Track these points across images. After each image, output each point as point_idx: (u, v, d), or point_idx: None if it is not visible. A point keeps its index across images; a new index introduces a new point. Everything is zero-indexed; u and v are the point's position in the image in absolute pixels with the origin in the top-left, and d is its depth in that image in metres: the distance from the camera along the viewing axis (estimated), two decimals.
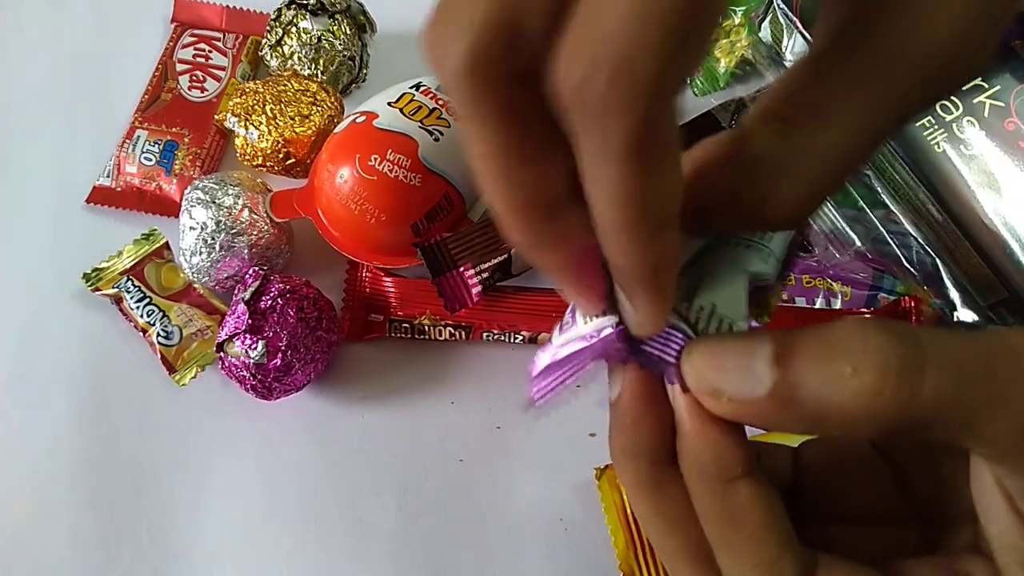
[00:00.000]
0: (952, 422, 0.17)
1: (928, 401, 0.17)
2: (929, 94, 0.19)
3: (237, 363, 0.44)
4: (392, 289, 0.50)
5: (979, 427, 0.17)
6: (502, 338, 0.49)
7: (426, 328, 0.49)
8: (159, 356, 0.49)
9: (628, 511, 0.43)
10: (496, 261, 0.46)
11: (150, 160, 0.55)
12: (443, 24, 0.16)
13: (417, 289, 0.50)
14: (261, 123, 0.51)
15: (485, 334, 0.48)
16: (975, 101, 0.46)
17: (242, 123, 0.51)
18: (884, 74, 0.18)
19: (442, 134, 0.47)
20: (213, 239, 0.48)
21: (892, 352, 0.17)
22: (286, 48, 0.56)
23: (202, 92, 0.58)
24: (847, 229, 0.49)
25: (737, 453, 0.20)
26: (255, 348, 0.44)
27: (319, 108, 0.52)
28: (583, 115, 0.15)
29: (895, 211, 0.48)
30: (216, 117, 0.56)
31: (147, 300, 0.50)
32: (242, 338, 0.44)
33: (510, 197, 0.18)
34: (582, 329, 0.21)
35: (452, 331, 0.49)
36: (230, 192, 0.49)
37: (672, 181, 0.17)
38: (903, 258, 0.48)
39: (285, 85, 0.52)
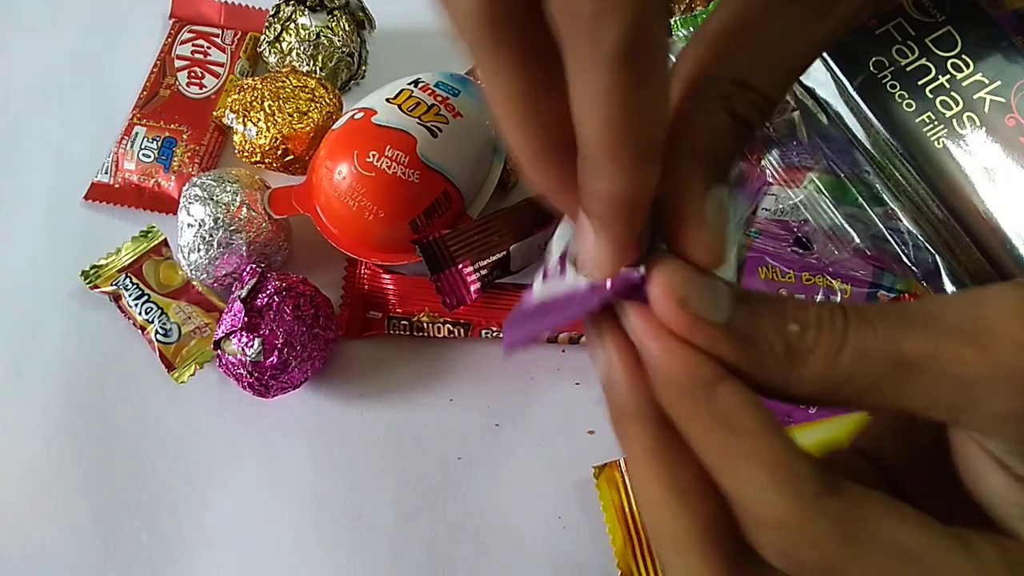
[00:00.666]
0: (884, 390, 0.18)
1: (848, 361, 0.18)
2: None
3: (234, 361, 0.44)
4: (391, 286, 0.50)
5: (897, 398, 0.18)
6: (501, 335, 0.48)
7: (425, 325, 0.49)
8: (157, 353, 0.49)
9: (626, 510, 0.43)
10: (495, 258, 0.46)
11: (148, 157, 0.55)
12: None
13: (416, 286, 0.50)
14: (259, 119, 0.51)
15: (484, 331, 0.48)
16: (975, 97, 0.45)
17: (240, 120, 0.51)
18: None
19: (440, 130, 0.47)
20: (211, 236, 0.48)
21: (824, 320, 0.19)
22: (284, 44, 0.56)
23: (200, 88, 0.57)
24: (846, 226, 0.49)
25: (708, 362, 0.19)
26: (251, 346, 0.44)
27: (317, 105, 0.52)
28: (574, 22, 0.15)
29: (895, 208, 0.48)
30: (214, 113, 0.56)
31: (145, 297, 0.50)
32: (238, 336, 0.44)
33: (534, 138, 0.18)
34: (572, 280, 0.21)
35: (451, 328, 0.49)
36: (228, 189, 0.48)
37: (661, 100, 0.17)
38: (903, 255, 0.48)
39: (283, 81, 0.52)
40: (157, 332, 0.50)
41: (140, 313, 0.50)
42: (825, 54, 0.48)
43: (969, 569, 0.18)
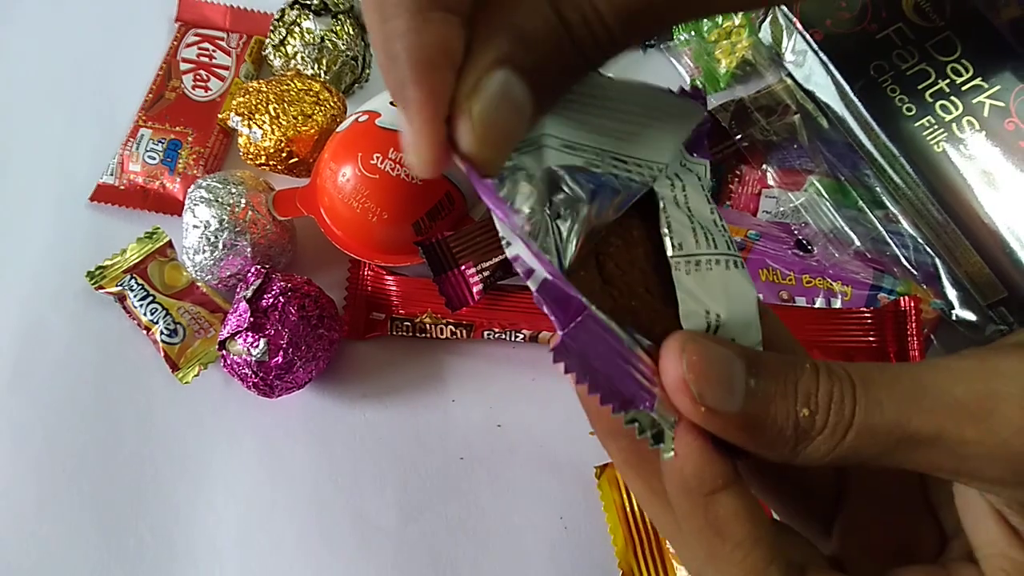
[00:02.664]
0: (891, 455, 0.19)
1: (853, 439, 0.19)
2: None
3: (239, 361, 0.45)
4: (394, 287, 0.50)
5: (911, 459, 0.19)
6: (503, 336, 0.49)
7: (427, 326, 0.49)
8: (162, 354, 0.50)
9: (628, 510, 0.44)
10: (497, 260, 0.46)
11: (154, 159, 0.56)
12: None
13: (418, 288, 0.50)
14: (264, 122, 0.51)
15: (486, 332, 0.49)
16: (975, 101, 0.46)
17: (245, 122, 0.51)
18: None
19: None
20: (216, 237, 0.48)
21: (833, 401, 0.19)
22: (289, 48, 0.56)
23: (206, 91, 0.58)
24: (847, 229, 0.49)
25: (717, 465, 0.20)
26: (256, 346, 0.44)
27: (322, 107, 0.52)
28: None
29: (895, 211, 0.48)
30: (219, 116, 0.56)
31: (150, 298, 0.51)
32: (244, 336, 0.44)
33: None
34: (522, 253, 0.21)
35: (453, 330, 0.49)
36: (233, 191, 0.49)
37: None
38: (903, 258, 0.48)
39: (288, 85, 0.53)
40: (162, 332, 0.50)
41: (145, 313, 0.50)
42: (826, 59, 0.48)
43: None
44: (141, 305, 0.51)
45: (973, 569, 0.21)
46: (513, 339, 0.49)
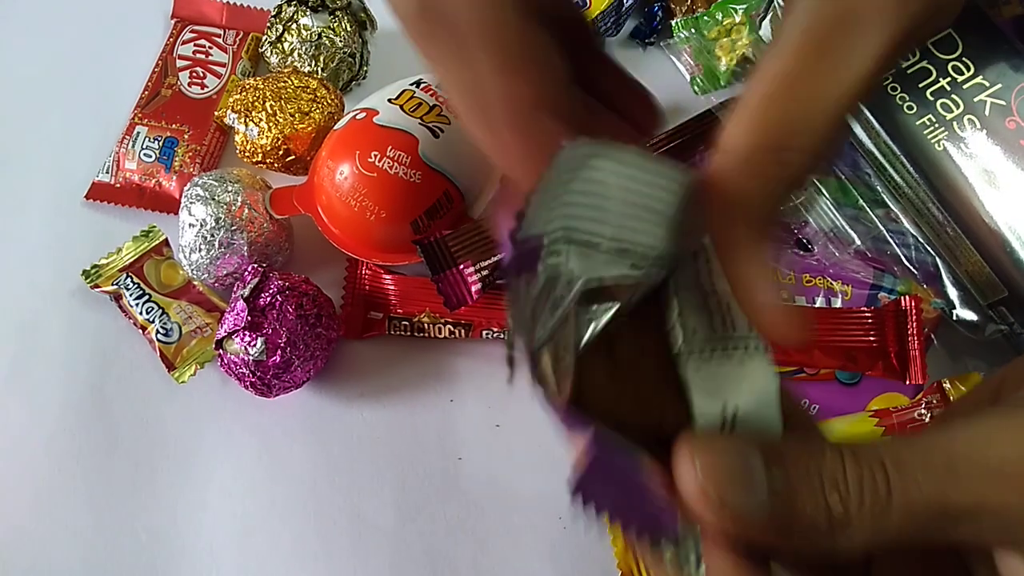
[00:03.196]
0: (935, 531, 0.19)
1: (896, 521, 0.18)
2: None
3: (236, 360, 0.44)
4: (392, 287, 0.50)
5: (962, 533, 0.19)
6: (502, 336, 0.48)
7: (425, 326, 0.49)
8: (158, 353, 0.49)
9: None
10: (496, 259, 0.46)
11: (150, 156, 0.55)
12: None
13: (417, 287, 0.50)
14: (261, 120, 0.51)
15: (485, 332, 0.48)
16: (976, 100, 0.45)
17: (242, 120, 0.51)
18: None
19: (442, 131, 0.47)
20: (212, 236, 0.48)
21: (865, 484, 0.18)
22: (286, 45, 0.56)
23: (202, 89, 0.58)
24: (847, 228, 0.49)
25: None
26: (254, 345, 0.44)
27: (319, 105, 0.52)
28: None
29: (895, 210, 0.48)
30: (216, 114, 0.56)
31: (146, 297, 0.50)
32: (241, 335, 0.44)
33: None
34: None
35: (452, 329, 0.49)
36: (230, 189, 0.48)
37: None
38: (903, 257, 0.48)
39: (285, 82, 0.52)
40: (158, 332, 0.50)
41: (141, 313, 0.50)
42: None
43: None
44: (137, 304, 0.50)
45: None
46: None
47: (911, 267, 0.48)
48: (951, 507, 0.18)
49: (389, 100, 0.48)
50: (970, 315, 0.47)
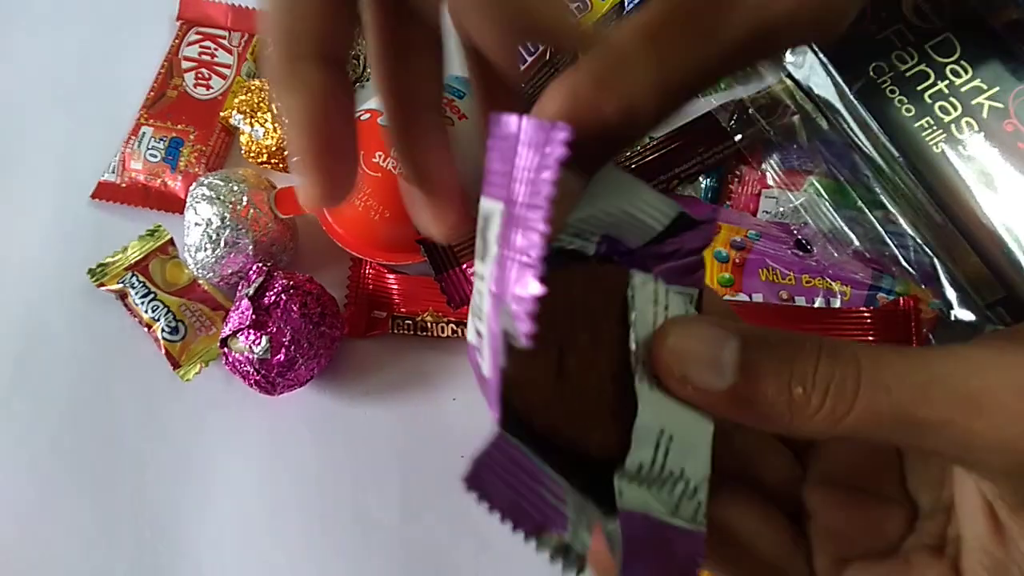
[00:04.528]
0: (894, 436, 0.19)
1: (855, 420, 0.19)
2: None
3: (241, 358, 0.45)
4: (395, 286, 0.51)
5: (925, 439, 0.19)
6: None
7: (429, 325, 0.49)
8: (163, 351, 0.50)
9: None
10: None
11: (155, 157, 0.56)
12: None
13: (420, 286, 0.50)
14: (266, 120, 0.51)
15: None
16: (974, 102, 0.46)
17: (247, 120, 0.51)
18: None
19: None
20: (218, 235, 0.48)
21: (833, 383, 0.19)
22: None
23: (207, 90, 0.58)
24: (846, 229, 0.49)
25: None
26: (259, 343, 0.44)
27: None
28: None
29: (894, 211, 0.48)
30: (221, 114, 0.57)
31: (152, 295, 0.51)
32: (246, 333, 0.44)
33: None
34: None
35: (455, 328, 0.49)
36: (235, 188, 0.49)
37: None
38: (901, 258, 0.48)
39: None
40: (163, 330, 0.50)
41: (146, 311, 0.50)
42: (825, 60, 0.48)
43: None
44: (142, 303, 0.51)
45: (935, 565, 0.22)
46: None
47: (909, 268, 0.48)
48: (918, 420, 0.19)
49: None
50: (968, 315, 0.47)
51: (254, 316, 0.44)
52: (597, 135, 0.19)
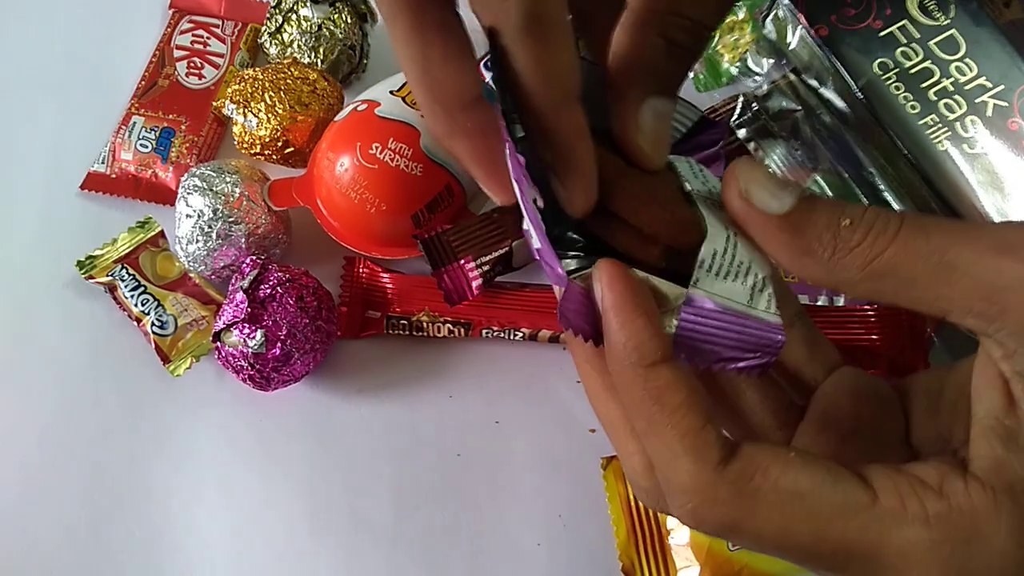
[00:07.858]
0: (923, 282, 0.21)
1: (891, 256, 0.21)
2: None
3: (234, 353, 0.44)
4: (390, 285, 0.50)
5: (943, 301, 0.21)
6: (502, 335, 0.48)
7: (424, 325, 0.48)
8: (153, 346, 0.49)
9: (632, 502, 0.43)
10: (497, 254, 0.45)
11: (146, 147, 0.55)
12: None
13: (415, 285, 0.49)
14: (260, 111, 0.50)
15: (484, 331, 0.48)
16: (978, 100, 0.46)
17: (241, 111, 0.50)
18: None
19: None
20: (210, 227, 0.47)
21: (879, 215, 0.21)
22: (286, 36, 0.55)
23: (200, 79, 0.57)
24: None
25: (656, 341, 0.22)
26: (253, 337, 0.43)
27: (319, 97, 0.51)
28: (486, 8, 0.21)
29: (897, 208, 0.48)
30: (214, 104, 0.55)
31: (142, 289, 0.50)
32: (240, 327, 0.43)
33: (428, 91, 0.24)
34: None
35: (451, 328, 0.48)
36: (228, 180, 0.48)
37: (568, 56, 0.21)
38: None
39: (285, 73, 0.52)
40: (153, 324, 0.49)
41: (136, 304, 0.49)
42: (831, 55, 0.48)
43: (853, 496, 0.21)
44: (132, 296, 0.50)
45: (931, 465, 0.22)
46: (512, 337, 0.48)
47: None
48: (949, 260, 0.20)
49: (391, 92, 0.48)
50: None
51: (249, 309, 0.43)
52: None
